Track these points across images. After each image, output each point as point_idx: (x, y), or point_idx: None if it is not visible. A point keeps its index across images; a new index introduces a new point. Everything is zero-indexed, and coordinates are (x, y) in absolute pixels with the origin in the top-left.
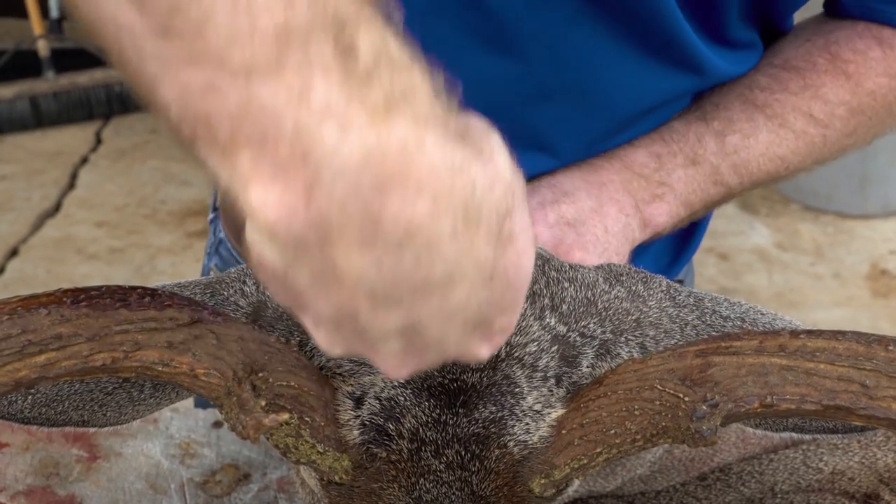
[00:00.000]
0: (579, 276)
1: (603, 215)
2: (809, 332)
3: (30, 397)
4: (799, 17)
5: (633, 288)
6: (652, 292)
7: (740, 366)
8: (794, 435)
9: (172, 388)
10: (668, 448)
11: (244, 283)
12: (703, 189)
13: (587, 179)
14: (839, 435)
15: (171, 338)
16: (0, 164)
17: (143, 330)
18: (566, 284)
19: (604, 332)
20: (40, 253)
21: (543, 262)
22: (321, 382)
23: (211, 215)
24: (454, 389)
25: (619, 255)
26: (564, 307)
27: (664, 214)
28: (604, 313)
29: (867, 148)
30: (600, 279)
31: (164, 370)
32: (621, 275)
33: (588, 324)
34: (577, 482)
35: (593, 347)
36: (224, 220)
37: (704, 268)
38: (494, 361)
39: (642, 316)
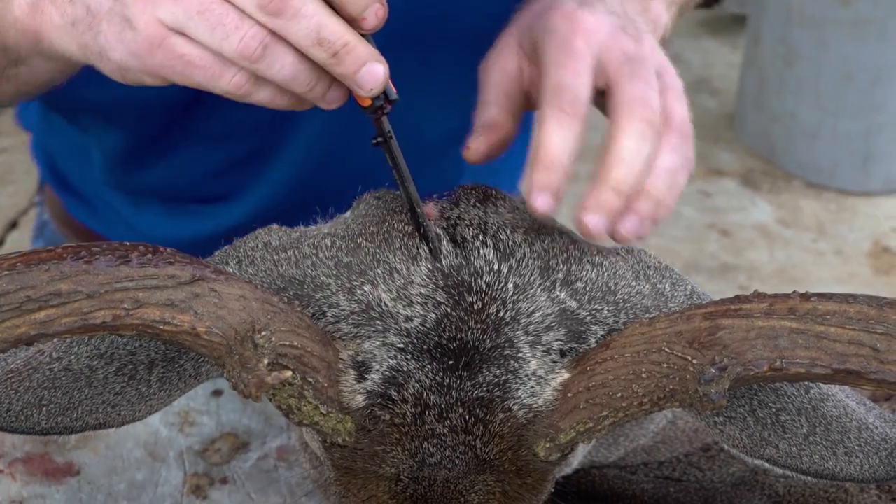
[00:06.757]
0: (606, 262)
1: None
2: (820, 296)
3: (44, 409)
4: None
5: (659, 287)
6: (676, 295)
7: (749, 329)
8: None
9: (179, 378)
10: (672, 419)
11: (227, 264)
12: None
13: None
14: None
15: (173, 296)
16: (0, 137)
17: (143, 287)
18: (588, 266)
19: (616, 322)
20: None
21: (569, 241)
22: (325, 344)
23: (37, 198)
24: (454, 350)
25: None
26: (579, 285)
27: (665, 15)
28: (621, 304)
29: (870, 125)
30: (628, 272)
31: (166, 328)
32: (649, 267)
33: (602, 308)
34: (582, 447)
35: (604, 330)
36: (48, 204)
37: (706, 244)
38: (498, 324)
39: None
